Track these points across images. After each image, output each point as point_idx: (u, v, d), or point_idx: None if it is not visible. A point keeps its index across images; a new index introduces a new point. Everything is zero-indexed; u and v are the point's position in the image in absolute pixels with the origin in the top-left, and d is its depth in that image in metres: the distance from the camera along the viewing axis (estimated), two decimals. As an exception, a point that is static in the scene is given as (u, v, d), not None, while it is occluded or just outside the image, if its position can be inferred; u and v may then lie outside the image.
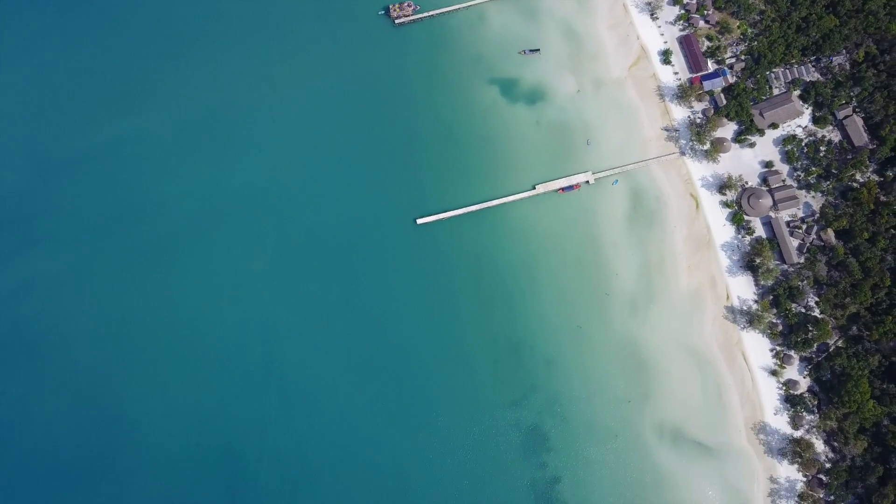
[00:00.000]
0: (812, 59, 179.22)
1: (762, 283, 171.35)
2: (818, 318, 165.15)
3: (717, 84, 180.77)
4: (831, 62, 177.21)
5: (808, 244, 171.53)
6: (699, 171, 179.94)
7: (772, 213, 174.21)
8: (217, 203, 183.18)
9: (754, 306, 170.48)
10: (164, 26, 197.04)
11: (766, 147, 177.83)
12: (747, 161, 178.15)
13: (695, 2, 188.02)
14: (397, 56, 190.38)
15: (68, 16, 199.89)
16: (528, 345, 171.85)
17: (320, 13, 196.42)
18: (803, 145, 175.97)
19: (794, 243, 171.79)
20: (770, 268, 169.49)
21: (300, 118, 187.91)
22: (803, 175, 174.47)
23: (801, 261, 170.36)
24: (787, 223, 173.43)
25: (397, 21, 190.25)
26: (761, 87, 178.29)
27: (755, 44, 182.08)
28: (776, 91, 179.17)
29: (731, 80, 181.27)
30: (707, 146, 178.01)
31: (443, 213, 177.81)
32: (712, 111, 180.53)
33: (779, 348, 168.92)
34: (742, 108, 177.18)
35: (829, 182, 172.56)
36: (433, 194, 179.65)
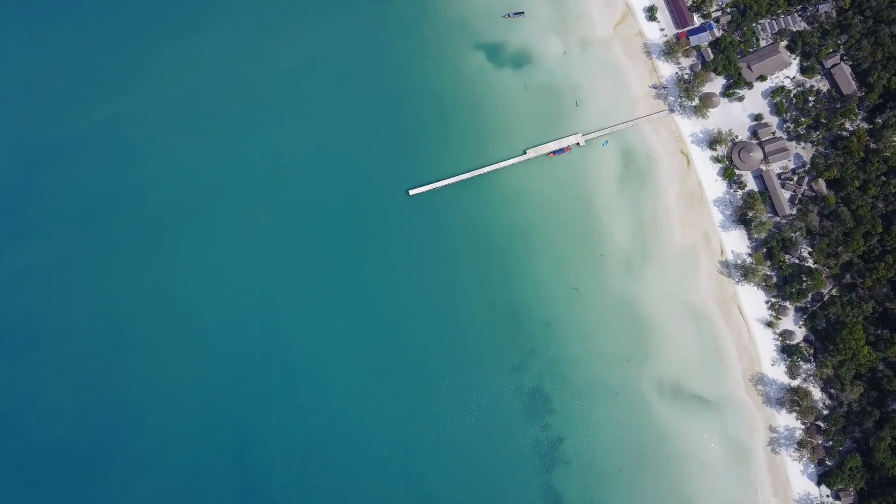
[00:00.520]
0: (798, 7, 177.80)
1: (755, 236, 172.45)
2: (812, 269, 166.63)
3: (703, 39, 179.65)
4: (818, 10, 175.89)
5: (799, 195, 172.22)
6: (689, 127, 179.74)
7: (763, 166, 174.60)
8: (208, 182, 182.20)
9: (748, 260, 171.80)
10: (140, 6, 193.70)
11: (754, 100, 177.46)
12: (736, 115, 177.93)
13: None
14: (381, 26, 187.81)
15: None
16: (526, 309, 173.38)
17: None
18: (792, 96, 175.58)
19: (786, 195, 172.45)
20: (763, 221, 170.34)
21: (285, 94, 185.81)
22: (793, 126, 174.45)
23: (794, 212, 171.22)
24: (779, 175, 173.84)
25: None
26: (748, 39, 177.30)
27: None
28: (763, 43, 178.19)
29: (718, 33, 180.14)
30: (696, 102, 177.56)
31: (435, 182, 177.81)
32: (700, 66, 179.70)
33: (774, 300, 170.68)
34: (729, 61, 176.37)
35: (818, 132, 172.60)
36: (424, 165, 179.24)
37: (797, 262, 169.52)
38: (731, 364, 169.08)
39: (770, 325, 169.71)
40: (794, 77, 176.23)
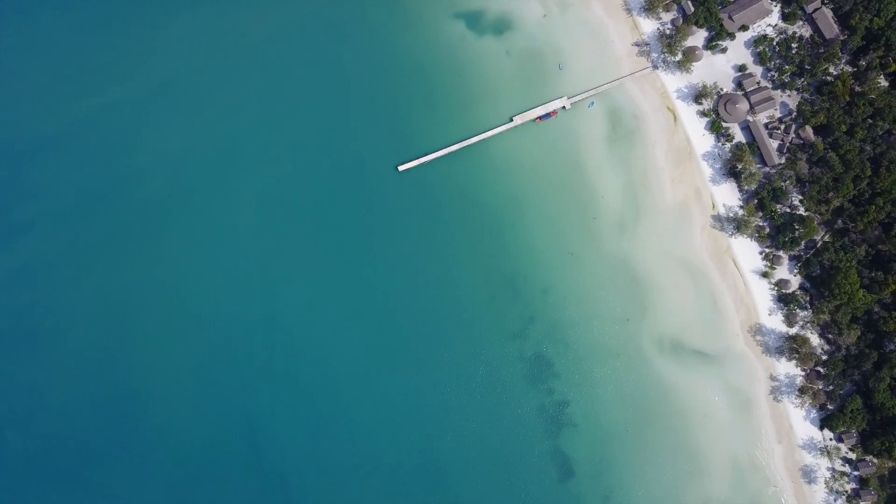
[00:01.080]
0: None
1: (746, 187, 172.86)
2: (803, 216, 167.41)
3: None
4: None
5: (787, 144, 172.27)
6: (673, 83, 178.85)
7: (749, 117, 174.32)
8: (197, 169, 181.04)
9: (740, 212, 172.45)
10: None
11: (738, 51, 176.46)
12: (720, 67, 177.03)
13: None
14: (354, 4, 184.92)
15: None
16: (523, 276, 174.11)
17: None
18: (775, 44, 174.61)
19: (774, 144, 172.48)
20: (752, 172, 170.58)
21: (265, 77, 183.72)
22: (777, 75, 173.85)
23: (782, 161, 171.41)
24: (766, 125, 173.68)
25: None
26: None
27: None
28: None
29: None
30: (679, 57, 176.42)
31: (423, 156, 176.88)
32: (681, 20, 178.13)
33: (767, 250, 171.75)
34: (710, 13, 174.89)
35: (803, 79, 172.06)
36: (411, 139, 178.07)
37: (788, 210, 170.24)
38: (728, 316, 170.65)
39: (765, 275, 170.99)
40: (776, 24, 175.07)
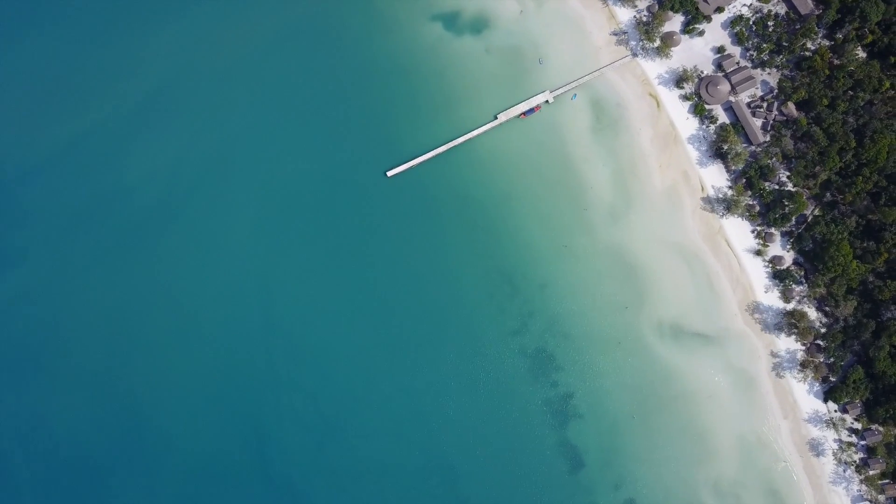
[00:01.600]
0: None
1: (733, 167, 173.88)
2: (792, 192, 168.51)
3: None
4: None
5: (771, 121, 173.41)
6: (654, 69, 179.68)
7: (731, 98, 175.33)
8: (187, 179, 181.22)
9: (729, 192, 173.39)
10: (85, 16, 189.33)
11: (715, 33, 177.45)
12: (699, 50, 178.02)
13: None
14: (333, 9, 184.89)
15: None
16: (520, 273, 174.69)
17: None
18: (751, 24, 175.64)
19: (758, 123, 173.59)
20: (738, 151, 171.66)
21: (245, 90, 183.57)
22: (756, 54, 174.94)
23: (767, 139, 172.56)
24: (748, 104, 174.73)
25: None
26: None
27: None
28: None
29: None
30: (657, 43, 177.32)
31: (411, 160, 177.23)
32: (656, 6, 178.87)
33: (759, 228, 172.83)
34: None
35: (781, 56, 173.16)
36: (398, 144, 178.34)
37: (777, 187, 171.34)
38: (725, 297, 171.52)
39: (759, 253, 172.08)
40: (751, 4, 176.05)
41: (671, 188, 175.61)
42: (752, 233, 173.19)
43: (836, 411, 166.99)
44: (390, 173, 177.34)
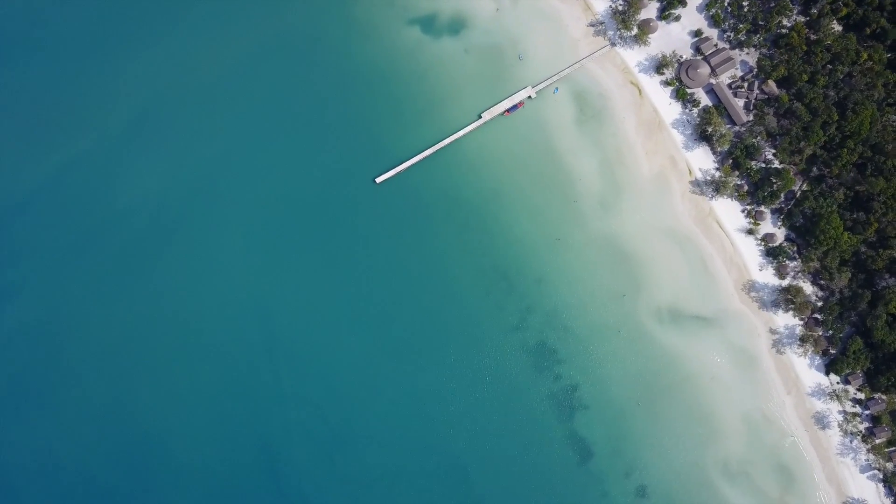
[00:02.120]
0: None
1: (719, 149, 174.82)
2: (779, 169, 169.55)
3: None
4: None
5: (753, 100, 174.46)
6: (633, 57, 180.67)
7: (712, 80, 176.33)
8: (177, 200, 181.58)
9: (717, 174, 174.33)
10: (63, 45, 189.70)
11: (691, 17, 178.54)
12: (677, 35, 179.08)
13: None
14: (311, 21, 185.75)
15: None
16: (515, 269, 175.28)
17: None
18: (726, 5, 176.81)
19: (740, 103, 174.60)
20: (723, 133, 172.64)
21: (227, 107, 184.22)
22: (733, 35, 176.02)
23: (751, 118, 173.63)
24: (729, 85, 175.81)
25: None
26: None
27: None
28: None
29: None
30: (635, 31, 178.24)
31: (399, 165, 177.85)
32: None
33: (749, 207, 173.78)
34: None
35: (758, 35, 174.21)
36: (384, 150, 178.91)
37: (764, 165, 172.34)
38: (721, 278, 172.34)
39: (750, 232, 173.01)
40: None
41: (659, 174, 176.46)
42: (743, 212, 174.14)
43: (838, 383, 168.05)
44: (379, 180, 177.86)
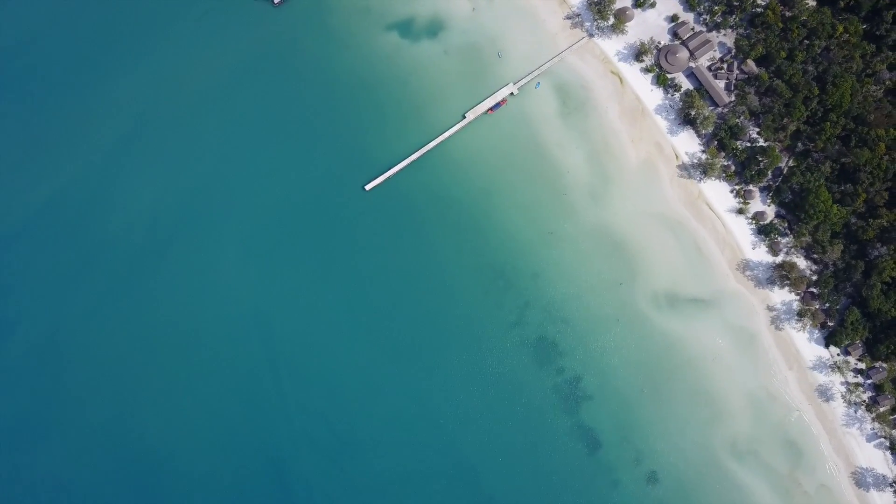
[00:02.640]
0: None
1: (703, 132, 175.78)
2: (764, 147, 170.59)
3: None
4: None
5: (733, 81, 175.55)
6: (612, 46, 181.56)
7: (692, 63, 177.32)
8: (169, 219, 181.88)
9: (703, 156, 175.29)
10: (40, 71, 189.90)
11: (666, 2, 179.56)
12: (653, 22, 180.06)
13: None
14: (289, 34, 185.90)
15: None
16: (511, 265, 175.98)
17: (201, 9, 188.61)
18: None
19: (721, 84, 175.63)
20: (706, 115, 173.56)
21: (213, 125, 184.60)
22: (709, 17, 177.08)
23: (733, 99, 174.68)
24: (709, 67, 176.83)
25: (276, 1, 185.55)
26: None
27: None
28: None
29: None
30: (611, 21, 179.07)
31: (387, 171, 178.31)
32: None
33: (738, 187, 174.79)
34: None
35: (734, 15, 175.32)
36: (372, 157, 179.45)
37: (749, 144, 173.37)
38: (715, 259, 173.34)
39: (741, 211, 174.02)
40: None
41: (646, 161, 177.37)
42: (732, 192, 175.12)
43: (838, 355, 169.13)
44: (368, 187, 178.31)
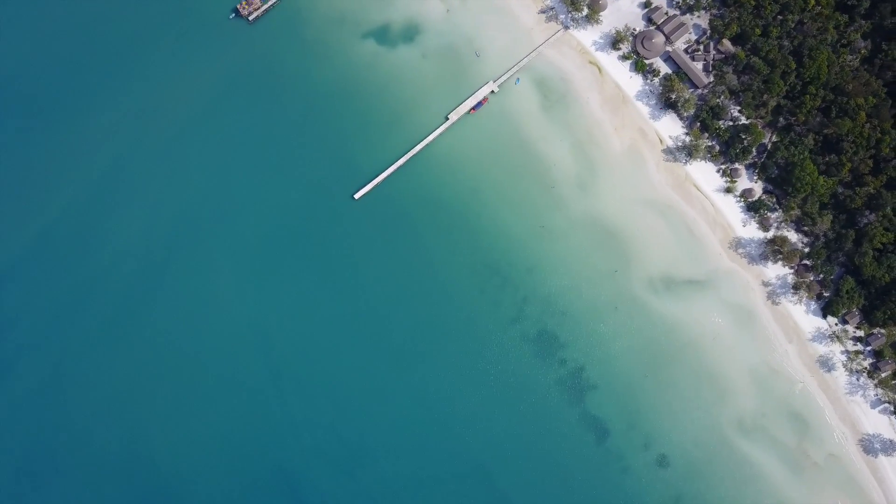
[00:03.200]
0: None
1: (685, 114, 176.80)
2: (747, 125, 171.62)
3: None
4: None
5: (711, 62, 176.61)
6: (588, 37, 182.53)
7: (668, 47, 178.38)
8: (162, 244, 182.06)
9: (687, 139, 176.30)
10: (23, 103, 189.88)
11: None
12: (627, 9, 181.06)
13: None
14: (267, 51, 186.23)
15: None
16: (505, 262, 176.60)
17: (175, 33, 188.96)
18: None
19: (699, 66, 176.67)
20: (687, 97, 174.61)
21: (201, 143, 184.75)
22: (682, 0, 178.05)
23: (711, 79, 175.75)
24: (685, 50, 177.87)
25: (251, 18, 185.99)
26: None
27: None
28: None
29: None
30: (585, 11, 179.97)
31: (374, 178, 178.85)
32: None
33: (723, 166, 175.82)
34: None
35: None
36: (358, 165, 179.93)
37: (731, 123, 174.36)
38: (707, 240, 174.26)
39: (729, 190, 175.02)
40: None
41: (631, 147, 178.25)
42: (718, 172, 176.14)
43: (836, 324, 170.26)
44: (357, 195, 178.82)
